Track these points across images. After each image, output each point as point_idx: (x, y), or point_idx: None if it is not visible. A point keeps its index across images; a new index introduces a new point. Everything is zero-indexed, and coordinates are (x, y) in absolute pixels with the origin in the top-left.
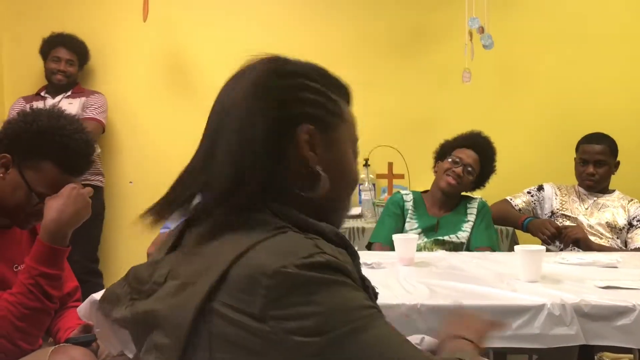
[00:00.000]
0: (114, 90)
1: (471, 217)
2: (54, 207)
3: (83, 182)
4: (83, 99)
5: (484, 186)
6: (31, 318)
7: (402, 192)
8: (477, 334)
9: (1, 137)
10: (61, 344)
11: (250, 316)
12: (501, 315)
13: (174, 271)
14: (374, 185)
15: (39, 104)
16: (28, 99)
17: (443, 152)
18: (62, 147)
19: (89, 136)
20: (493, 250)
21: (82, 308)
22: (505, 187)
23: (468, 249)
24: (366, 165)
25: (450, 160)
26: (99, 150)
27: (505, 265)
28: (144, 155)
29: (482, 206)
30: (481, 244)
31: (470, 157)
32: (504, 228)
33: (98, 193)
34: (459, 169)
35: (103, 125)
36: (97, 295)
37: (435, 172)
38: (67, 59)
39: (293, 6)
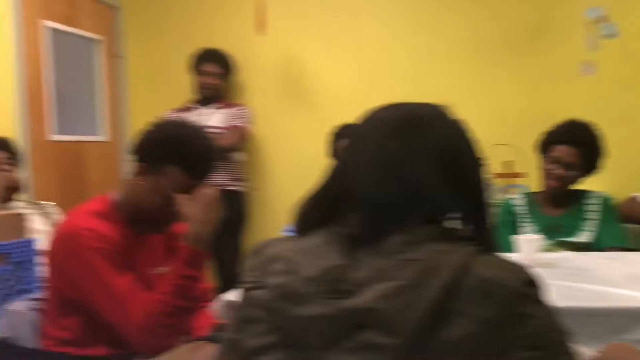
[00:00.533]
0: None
1: (594, 215)
2: (191, 213)
3: (223, 187)
4: (232, 110)
5: (595, 170)
6: (178, 316)
7: (512, 196)
8: None
9: (137, 147)
10: (198, 341)
11: (485, 323)
12: (634, 320)
13: (379, 273)
14: (493, 185)
15: (189, 114)
16: (180, 109)
17: (542, 147)
18: (186, 153)
19: (212, 143)
20: (626, 249)
21: (216, 308)
22: (633, 184)
23: (596, 249)
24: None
25: (549, 160)
26: (244, 156)
27: (638, 266)
28: (271, 163)
29: (606, 202)
30: (612, 243)
31: (569, 155)
32: (632, 226)
33: (240, 198)
34: (559, 171)
35: (248, 133)
36: (228, 296)
37: (541, 169)
38: (212, 72)
39: (407, 9)
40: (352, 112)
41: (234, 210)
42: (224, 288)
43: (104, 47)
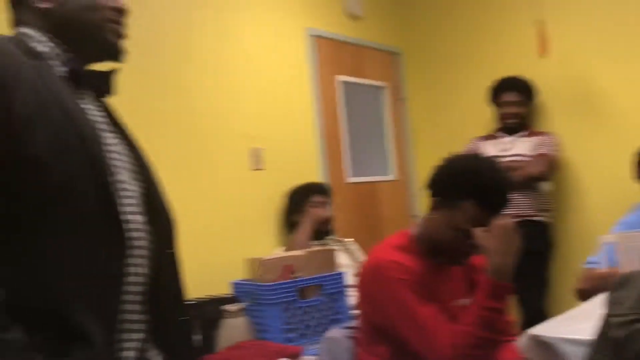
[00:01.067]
0: None
1: None
2: (489, 245)
3: (528, 218)
4: (537, 138)
5: None
6: (483, 348)
7: None
8: None
9: (430, 182)
10: None
11: None
12: None
13: None
14: None
15: (493, 142)
16: (483, 138)
17: None
18: (480, 186)
19: (505, 174)
20: None
21: (522, 343)
22: None
23: None
24: None
25: None
26: (551, 186)
27: None
28: (575, 190)
29: None
30: None
31: None
32: None
33: (545, 229)
34: None
35: (557, 161)
36: (535, 331)
37: None
38: (514, 101)
39: None
40: None
41: (539, 241)
42: (529, 322)
43: (388, 92)
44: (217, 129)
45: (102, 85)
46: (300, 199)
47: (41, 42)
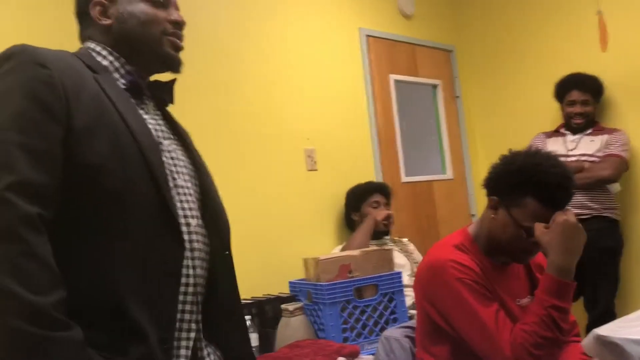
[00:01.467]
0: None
1: None
2: (551, 242)
3: (595, 215)
4: (605, 136)
5: None
6: (546, 348)
7: None
8: None
9: (488, 181)
10: None
11: None
12: None
13: None
14: None
15: (557, 140)
16: (548, 134)
17: None
18: (539, 182)
19: (566, 169)
20: None
21: (587, 343)
22: None
23: None
24: None
25: None
26: (619, 188)
27: None
28: None
29: None
30: None
31: None
32: None
33: (614, 227)
34: None
35: (626, 162)
36: (601, 331)
37: None
38: (582, 100)
39: None
40: None
41: (609, 238)
42: (596, 321)
43: (442, 90)
44: (272, 130)
45: (162, 94)
46: (360, 199)
47: (103, 56)
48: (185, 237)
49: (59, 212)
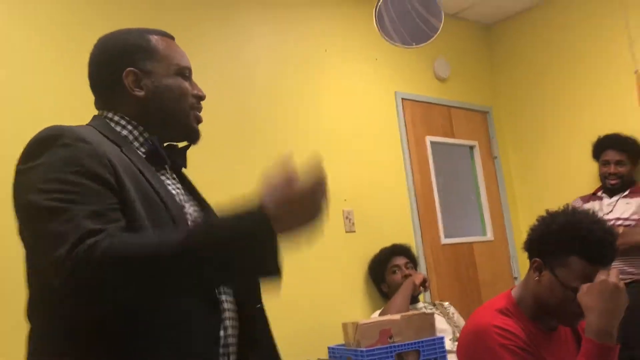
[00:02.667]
0: None
1: None
2: (589, 304)
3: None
4: (639, 198)
5: None
6: None
7: None
8: None
9: (529, 243)
10: None
11: None
12: None
13: None
14: None
15: (594, 204)
16: (585, 198)
17: None
18: (583, 240)
19: (607, 225)
20: None
21: None
22: None
23: None
24: None
25: None
26: None
27: None
28: None
29: None
30: None
31: None
32: None
33: None
34: None
35: None
36: None
37: None
38: (616, 160)
39: None
40: None
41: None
42: None
43: (480, 150)
44: None
45: (176, 159)
46: (381, 268)
47: (122, 126)
48: (219, 297)
49: None
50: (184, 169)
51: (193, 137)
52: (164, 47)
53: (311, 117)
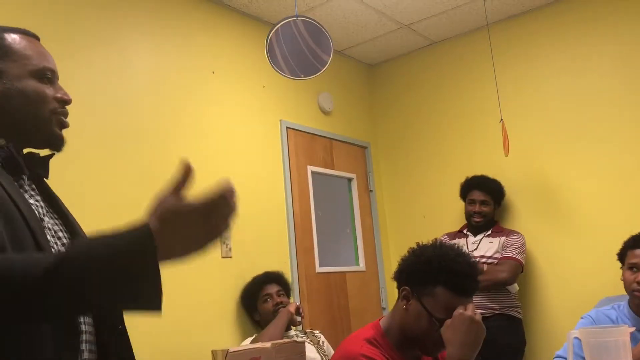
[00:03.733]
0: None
1: None
2: (449, 337)
3: (499, 312)
4: (503, 238)
5: None
6: None
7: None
8: None
9: (399, 273)
10: None
11: None
12: None
13: None
14: None
15: (460, 241)
16: (451, 235)
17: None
18: (449, 271)
19: (471, 259)
20: None
21: None
22: None
23: None
24: None
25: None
26: (517, 288)
27: None
28: (541, 288)
29: None
30: None
31: None
32: None
33: (516, 324)
34: None
35: (521, 264)
36: None
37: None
38: (481, 200)
39: None
40: (617, 233)
41: (512, 336)
42: None
43: (357, 183)
44: None
45: (37, 168)
46: (252, 297)
47: None
48: (80, 319)
49: None
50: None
51: (55, 144)
52: (21, 47)
53: (196, 138)
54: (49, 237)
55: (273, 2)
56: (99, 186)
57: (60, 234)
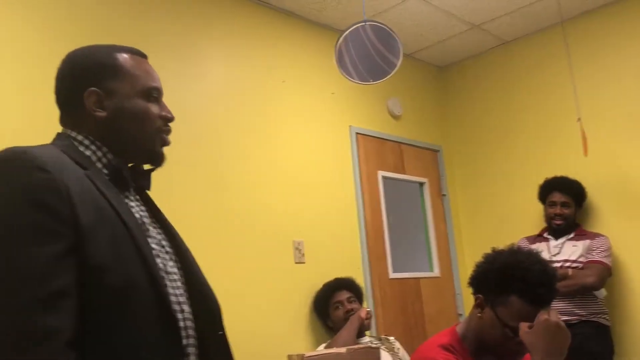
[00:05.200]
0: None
1: None
2: (534, 343)
3: (584, 319)
4: (587, 241)
5: None
6: None
7: None
8: None
9: (473, 279)
10: None
11: None
12: None
13: None
14: None
15: (541, 245)
16: (531, 239)
17: None
18: (522, 280)
19: (548, 266)
20: None
21: None
22: None
23: None
24: None
25: None
26: (605, 293)
27: None
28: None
29: None
30: None
31: None
32: None
33: (602, 331)
34: None
35: (609, 268)
36: None
37: None
38: (562, 202)
39: None
40: None
41: (597, 343)
42: None
43: (429, 187)
44: (261, 222)
45: (141, 182)
46: (324, 304)
47: (86, 146)
48: (181, 324)
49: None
50: (148, 191)
51: (156, 161)
52: (130, 66)
53: (267, 146)
54: (153, 244)
55: (342, 10)
56: (191, 196)
57: (164, 242)
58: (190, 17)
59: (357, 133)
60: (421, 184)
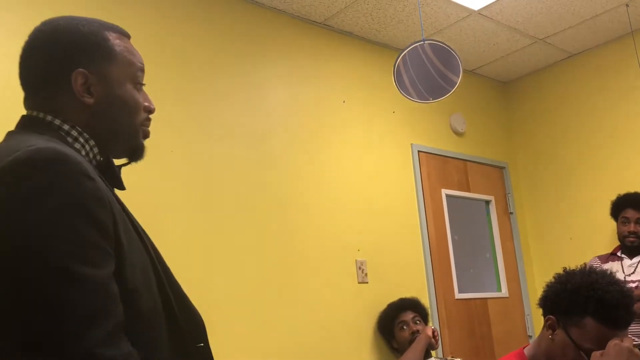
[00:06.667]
0: None
1: None
2: None
3: None
4: None
5: None
6: None
7: None
8: None
9: (544, 300)
10: None
11: None
12: None
13: None
14: None
15: (614, 264)
16: (603, 258)
17: None
18: (598, 302)
19: (625, 287)
20: None
21: None
22: None
23: None
24: None
25: None
26: None
27: None
28: None
29: None
30: None
31: None
32: None
33: None
34: None
35: None
36: None
37: None
38: (636, 219)
39: None
40: None
41: None
42: None
43: (496, 205)
44: (324, 242)
45: (113, 179)
46: (389, 324)
47: (74, 137)
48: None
49: None
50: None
51: (139, 155)
52: (123, 49)
53: (328, 166)
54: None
55: (402, 28)
56: (257, 218)
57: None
58: (252, 41)
59: (419, 151)
60: (487, 202)
